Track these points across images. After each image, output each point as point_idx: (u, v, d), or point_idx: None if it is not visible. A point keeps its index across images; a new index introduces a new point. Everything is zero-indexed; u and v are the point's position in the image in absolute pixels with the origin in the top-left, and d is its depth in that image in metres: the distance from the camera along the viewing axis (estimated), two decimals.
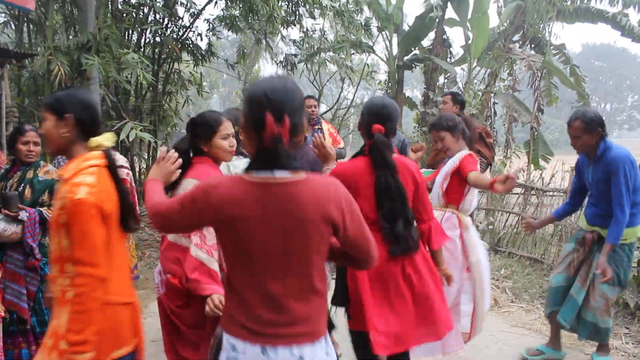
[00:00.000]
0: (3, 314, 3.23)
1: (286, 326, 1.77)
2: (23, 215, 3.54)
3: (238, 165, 3.49)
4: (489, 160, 5.51)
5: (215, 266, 2.56)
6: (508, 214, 8.13)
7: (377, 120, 2.76)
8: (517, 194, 8.37)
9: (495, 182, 3.34)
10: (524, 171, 10.59)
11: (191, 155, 2.77)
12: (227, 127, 2.74)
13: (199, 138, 2.72)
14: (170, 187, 2.63)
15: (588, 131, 3.73)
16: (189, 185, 2.51)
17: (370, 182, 2.72)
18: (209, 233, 2.55)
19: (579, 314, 3.89)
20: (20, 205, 3.57)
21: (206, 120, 2.73)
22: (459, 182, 3.74)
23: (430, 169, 4.84)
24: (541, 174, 8.30)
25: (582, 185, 4.11)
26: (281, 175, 1.74)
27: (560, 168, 7.54)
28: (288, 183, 1.74)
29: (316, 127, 6.00)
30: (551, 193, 7.49)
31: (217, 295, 2.45)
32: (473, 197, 3.91)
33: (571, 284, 3.95)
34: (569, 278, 3.98)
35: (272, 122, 1.67)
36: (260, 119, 1.68)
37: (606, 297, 3.82)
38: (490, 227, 8.08)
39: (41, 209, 3.68)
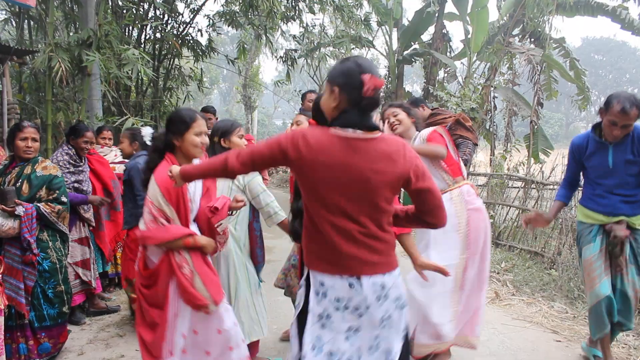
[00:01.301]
0: (3, 306, 3.26)
1: (365, 259, 2.07)
2: (20, 210, 3.55)
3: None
4: (474, 141, 5.54)
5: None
6: (508, 207, 8.15)
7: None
8: (518, 187, 8.39)
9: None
10: (523, 165, 10.61)
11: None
12: (201, 125, 2.85)
13: (172, 133, 2.84)
14: (144, 185, 2.84)
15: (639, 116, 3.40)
16: (153, 185, 2.72)
17: None
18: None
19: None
20: (17, 201, 3.58)
21: (181, 116, 2.85)
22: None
23: None
24: (541, 168, 8.31)
25: (577, 172, 3.90)
26: (362, 132, 2.05)
27: (560, 161, 7.55)
28: (368, 139, 2.05)
29: None
30: (551, 186, 7.50)
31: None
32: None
33: (616, 284, 3.65)
34: (611, 279, 3.65)
35: (369, 78, 2.02)
36: (360, 80, 2.02)
37: (636, 289, 3.63)
38: (491, 220, 8.08)
39: (39, 204, 3.70)
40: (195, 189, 2.91)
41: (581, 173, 3.91)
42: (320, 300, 2.12)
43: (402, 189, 2.21)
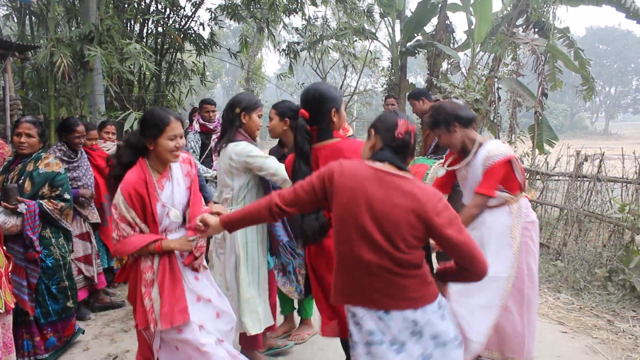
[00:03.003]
0: (13, 305, 3.26)
1: (387, 293, 2.10)
2: (22, 207, 3.55)
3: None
4: None
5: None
6: None
7: (302, 105, 2.85)
8: None
9: None
10: (528, 156, 10.56)
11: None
12: (174, 128, 2.70)
13: (145, 137, 2.72)
14: (111, 191, 2.83)
15: None
16: (118, 191, 2.69)
17: None
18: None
19: None
20: (19, 198, 3.57)
21: (154, 119, 2.71)
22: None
23: (432, 158, 4.81)
24: (546, 159, 8.27)
25: None
26: (392, 167, 2.14)
27: (565, 152, 7.52)
28: (400, 176, 2.12)
29: None
30: (556, 177, 7.47)
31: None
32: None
33: None
34: None
35: (402, 123, 2.17)
36: (395, 122, 2.18)
37: None
38: None
39: (41, 201, 3.69)
40: (172, 193, 2.80)
41: None
42: (359, 331, 2.18)
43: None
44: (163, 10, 9.76)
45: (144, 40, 9.65)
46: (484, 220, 3.37)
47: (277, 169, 3.35)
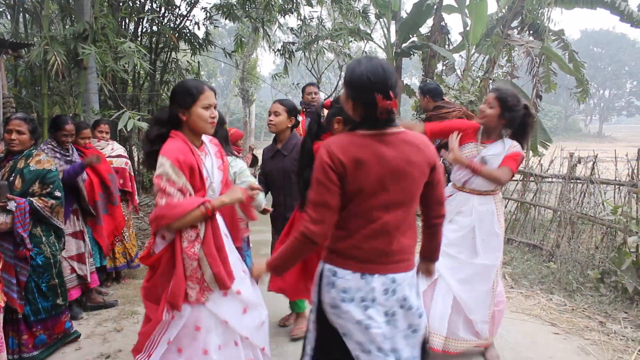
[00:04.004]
0: (3, 303, 3.24)
1: (392, 254, 2.13)
2: (12, 205, 3.51)
3: (235, 165, 3.48)
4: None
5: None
6: (507, 200, 8.13)
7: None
8: (516, 180, 8.38)
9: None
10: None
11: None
12: (209, 97, 2.61)
13: (178, 106, 2.60)
14: (148, 165, 2.66)
15: None
16: (161, 161, 2.47)
17: None
18: None
19: None
20: (9, 196, 3.54)
21: (187, 87, 2.60)
22: None
23: None
24: (540, 161, 8.29)
25: None
26: (389, 128, 2.11)
27: (559, 154, 7.55)
28: (398, 132, 2.12)
29: None
30: (550, 179, 7.49)
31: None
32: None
33: None
34: None
35: (381, 100, 2.01)
36: (372, 99, 2.02)
37: None
38: None
39: (32, 199, 3.66)
40: (212, 168, 2.70)
41: None
42: (329, 291, 2.17)
43: None
44: (158, 9, 9.75)
45: (139, 39, 9.62)
46: (474, 205, 3.70)
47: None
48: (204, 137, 2.77)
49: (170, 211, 2.44)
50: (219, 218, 2.71)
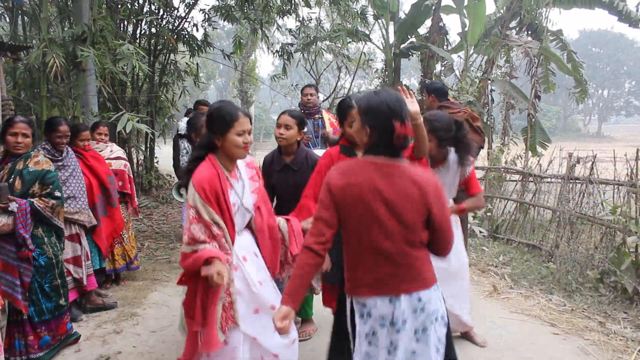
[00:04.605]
0: (2, 301, 3.24)
1: (404, 276, 2.23)
2: (13, 206, 3.52)
3: None
4: (480, 144, 5.40)
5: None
6: (506, 200, 8.14)
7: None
8: (515, 180, 8.39)
9: None
10: (521, 158, 10.59)
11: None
12: (243, 124, 2.69)
13: (213, 132, 2.70)
14: (186, 183, 2.75)
15: None
16: (191, 191, 2.63)
17: None
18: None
19: None
20: (10, 197, 3.55)
21: (222, 114, 2.68)
22: None
23: None
24: (539, 161, 8.29)
25: None
26: (391, 159, 2.23)
27: (557, 154, 7.55)
28: (401, 165, 2.23)
29: (317, 116, 5.96)
30: (549, 179, 7.50)
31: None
32: None
33: None
34: None
35: (399, 126, 2.18)
36: (390, 125, 2.18)
37: None
38: (489, 214, 8.10)
39: (32, 199, 3.67)
40: (242, 193, 2.78)
41: None
42: (364, 322, 2.28)
43: None
44: (156, 11, 9.76)
45: (137, 41, 9.63)
46: None
47: None
48: (240, 161, 2.86)
49: (183, 261, 2.63)
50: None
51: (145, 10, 9.56)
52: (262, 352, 2.74)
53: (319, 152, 4.17)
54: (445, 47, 12.85)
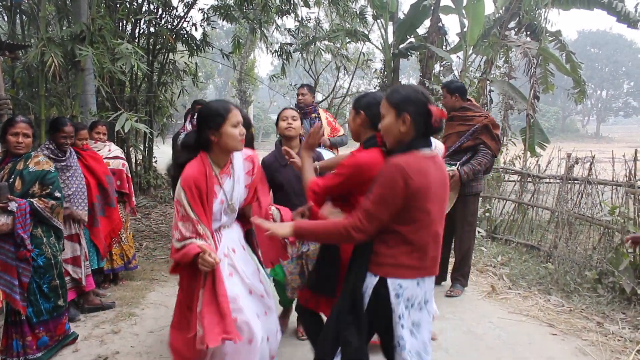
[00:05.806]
0: (0, 302, 3.24)
1: (438, 258, 2.46)
2: (12, 206, 3.52)
3: None
4: (495, 153, 5.30)
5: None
6: (505, 201, 8.15)
7: None
8: (514, 181, 8.39)
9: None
10: (520, 158, 10.60)
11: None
12: (236, 115, 2.72)
13: (207, 129, 2.71)
14: (173, 184, 2.78)
15: None
16: (178, 190, 2.67)
17: None
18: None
19: None
20: (10, 197, 3.54)
21: (215, 109, 2.72)
22: None
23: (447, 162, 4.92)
24: (537, 161, 8.30)
25: None
26: (432, 151, 2.42)
27: (556, 155, 7.56)
28: (435, 155, 2.42)
29: (313, 115, 5.97)
30: (547, 180, 7.50)
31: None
32: None
33: None
34: None
35: (435, 109, 2.34)
36: (429, 110, 2.33)
37: None
38: (487, 214, 8.10)
39: (32, 199, 3.66)
40: (232, 190, 2.82)
41: None
42: (399, 303, 2.34)
43: None
44: (155, 11, 9.74)
45: (136, 40, 9.63)
46: None
47: None
48: (237, 155, 2.89)
49: (173, 254, 2.72)
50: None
51: (144, 9, 9.54)
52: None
53: (320, 151, 4.18)
54: (444, 47, 12.85)
